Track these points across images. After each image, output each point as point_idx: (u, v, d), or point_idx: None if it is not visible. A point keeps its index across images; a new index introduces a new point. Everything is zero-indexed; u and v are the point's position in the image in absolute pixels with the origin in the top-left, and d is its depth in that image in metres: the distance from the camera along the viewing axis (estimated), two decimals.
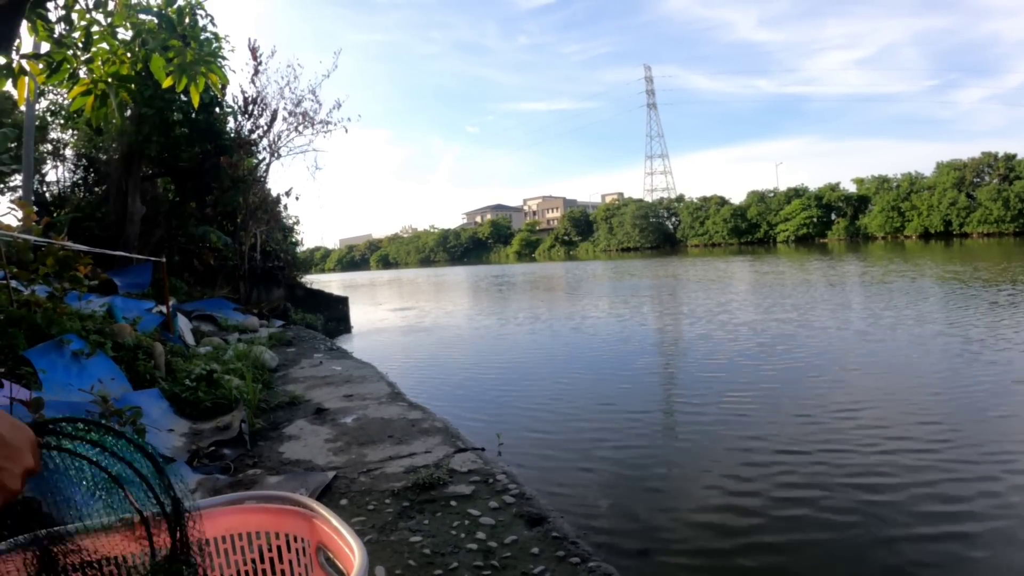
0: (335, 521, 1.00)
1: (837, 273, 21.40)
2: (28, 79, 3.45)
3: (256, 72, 14.86)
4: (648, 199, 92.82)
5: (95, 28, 3.63)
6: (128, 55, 3.70)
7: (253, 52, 14.74)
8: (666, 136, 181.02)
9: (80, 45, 3.62)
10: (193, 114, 13.40)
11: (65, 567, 1.05)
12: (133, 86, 4.07)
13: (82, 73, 3.78)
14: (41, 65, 3.57)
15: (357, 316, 16.72)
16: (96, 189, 15.37)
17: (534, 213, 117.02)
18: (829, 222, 65.27)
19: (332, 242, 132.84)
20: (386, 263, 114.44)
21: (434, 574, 2.59)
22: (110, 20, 3.62)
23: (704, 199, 77.13)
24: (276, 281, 15.44)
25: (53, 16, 3.49)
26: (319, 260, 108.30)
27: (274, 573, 1.16)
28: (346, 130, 16.04)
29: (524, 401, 6.52)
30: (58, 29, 3.53)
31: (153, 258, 9.18)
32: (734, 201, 74.46)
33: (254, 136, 15.22)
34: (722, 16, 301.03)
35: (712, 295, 16.47)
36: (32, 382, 4.05)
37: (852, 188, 64.80)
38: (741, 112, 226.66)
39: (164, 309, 7.89)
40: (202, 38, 3.60)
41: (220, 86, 3.70)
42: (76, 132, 15.35)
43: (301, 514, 1.09)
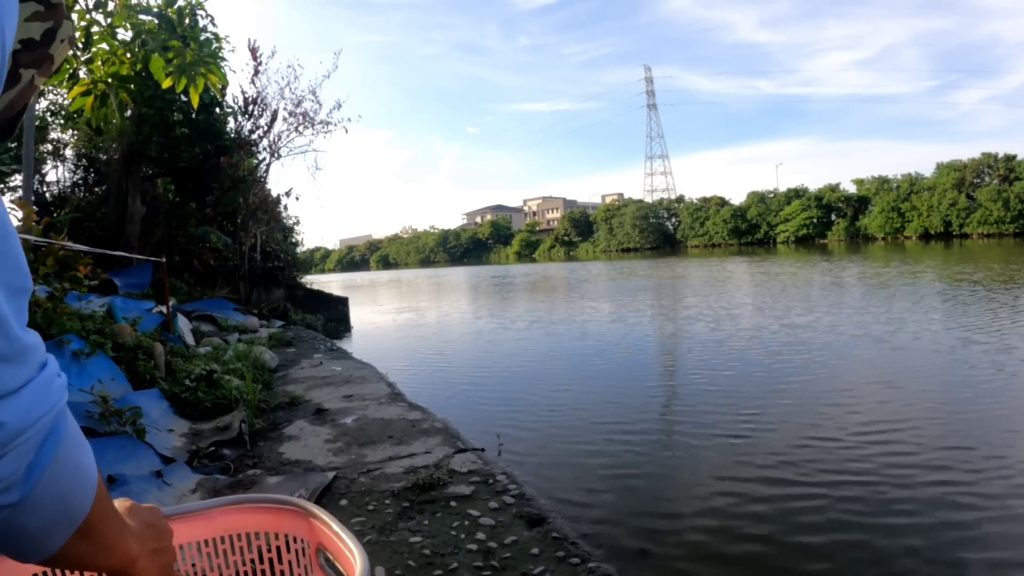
0: (335, 524, 0.99)
1: (848, 275, 20.73)
2: None
3: (256, 72, 14.88)
4: (648, 200, 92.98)
5: (95, 28, 3.64)
6: (128, 55, 3.70)
7: (253, 52, 14.76)
8: (666, 137, 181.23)
9: (80, 45, 3.62)
10: (193, 114, 13.41)
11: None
12: (133, 86, 4.08)
13: (82, 73, 3.79)
14: None
15: (357, 317, 16.72)
16: (96, 189, 15.38)
17: (534, 214, 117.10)
18: (829, 223, 65.34)
19: (332, 242, 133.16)
20: (386, 264, 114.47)
21: (434, 574, 2.59)
22: (110, 20, 3.62)
23: (704, 200, 77.21)
24: (276, 281, 15.44)
25: None
26: (319, 260, 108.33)
27: (273, 574, 1.16)
28: (346, 130, 16.06)
29: (524, 402, 6.52)
30: None
31: (153, 258, 9.18)
32: (734, 202, 74.63)
33: (254, 136, 15.24)
34: (722, 17, 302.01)
35: (716, 297, 16.44)
36: None
37: (852, 189, 64.94)
38: (741, 113, 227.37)
39: (164, 309, 7.89)
40: (202, 39, 3.60)
41: (220, 87, 3.71)
42: (76, 132, 15.34)
43: (300, 514, 1.09)
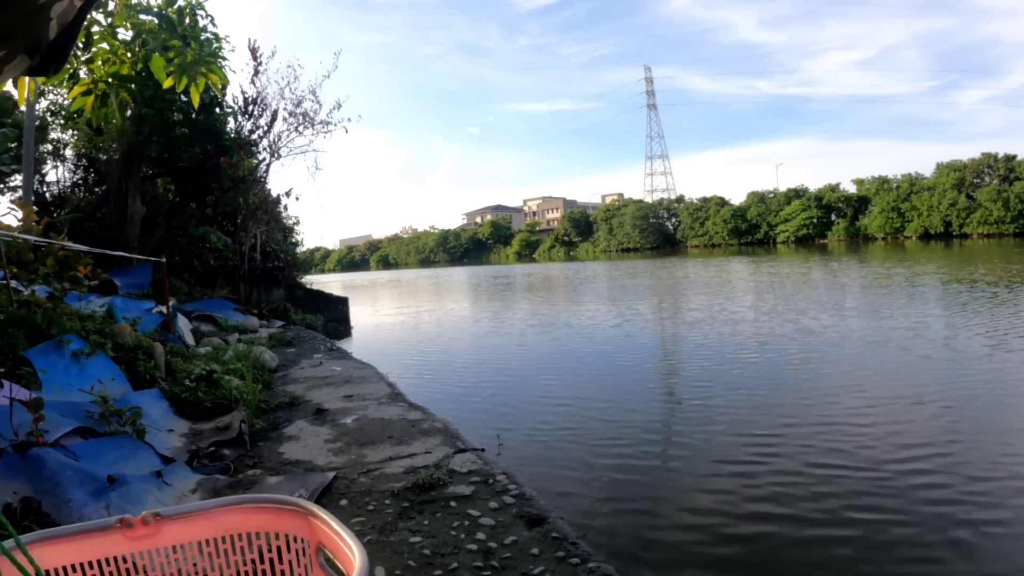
0: (335, 524, 0.99)
1: (859, 275, 20.37)
2: (28, 79, 3.45)
3: (256, 72, 14.86)
4: (648, 200, 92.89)
5: (95, 28, 3.64)
6: (128, 55, 3.70)
7: (253, 52, 14.75)
8: (666, 137, 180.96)
9: (80, 45, 3.62)
10: (193, 114, 13.40)
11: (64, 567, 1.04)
12: (133, 86, 4.08)
13: (82, 73, 3.79)
14: None
15: (357, 317, 16.72)
16: (96, 189, 15.38)
17: (534, 214, 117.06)
18: (829, 223, 65.30)
19: (332, 242, 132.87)
20: (386, 264, 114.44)
21: (434, 575, 2.59)
22: (110, 20, 3.62)
23: (704, 200, 77.16)
24: (276, 281, 15.44)
25: None
26: (319, 260, 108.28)
27: (274, 573, 1.16)
28: (346, 130, 16.03)
29: (524, 402, 6.52)
30: None
31: (153, 258, 9.17)
32: (734, 202, 74.58)
33: (254, 136, 15.23)
34: (723, 17, 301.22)
35: (719, 299, 16.44)
36: (32, 382, 4.05)
37: (852, 189, 64.90)
38: (741, 113, 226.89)
39: (164, 309, 7.89)
40: (202, 38, 3.60)
41: (220, 86, 3.70)
42: (76, 132, 15.34)
43: (300, 514, 1.09)
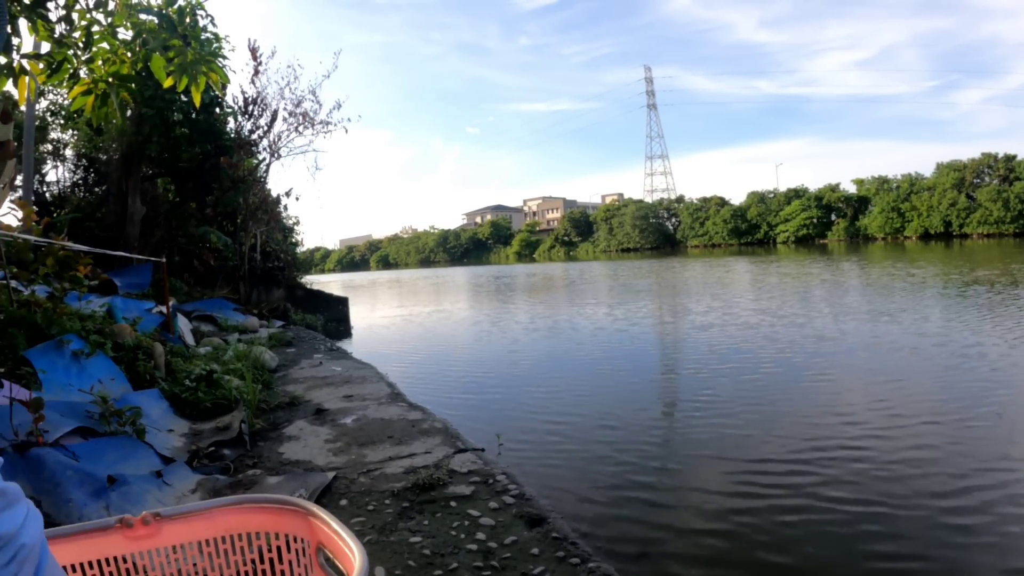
0: (335, 524, 0.99)
1: (865, 277, 19.96)
2: (28, 79, 3.46)
3: (256, 72, 14.88)
4: (648, 200, 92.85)
5: (95, 28, 3.64)
6: (128, 55, 3.70)
7: (253, 52, 14.76)
8: (666, 137, 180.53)
9: (80, 45, 3.62)
10: (193, 114, 13.42)
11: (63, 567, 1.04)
12: (133, 86, 4.07)
13: (82, 73, 3.79)
14: (42, 65, 3.58)
15: (357, 317, 16.72)
16: (96, 189, 15.39)
17: (534, 214, 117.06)
18: (829, 223, 65.29)
19: (332, 242, 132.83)
20: (386, 264, 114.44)
21: (434, 575, 2.59)
22: (110, 20, 3.62)
23: (704, 200, 77.15)
24: (276, 282, 15.44)
25: (54, 16, 3.49)
26: (319, 260, 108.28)
27: (274, 573, 1.16)
28: (346, 130, 16.06)
29: (524, 402, 6.52)
30: (59, 29, 3.54)
31: (153, 258, 9.18)
32: (734, 202, 74.55)
33: (254, 136, 15.24)
34: (723, 17, 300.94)
35: (720, 299, 16.44)
36: (32, 382, 4.05)
37: (852, 189, 64.87)
38: (741, 113, 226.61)
39: (164, 309, 7.89)
40: (203, 38, 3.60)
41: (221, 86, 3.70)
42: (76, 132, 15.36)
43: (300, 514, 1.09)
